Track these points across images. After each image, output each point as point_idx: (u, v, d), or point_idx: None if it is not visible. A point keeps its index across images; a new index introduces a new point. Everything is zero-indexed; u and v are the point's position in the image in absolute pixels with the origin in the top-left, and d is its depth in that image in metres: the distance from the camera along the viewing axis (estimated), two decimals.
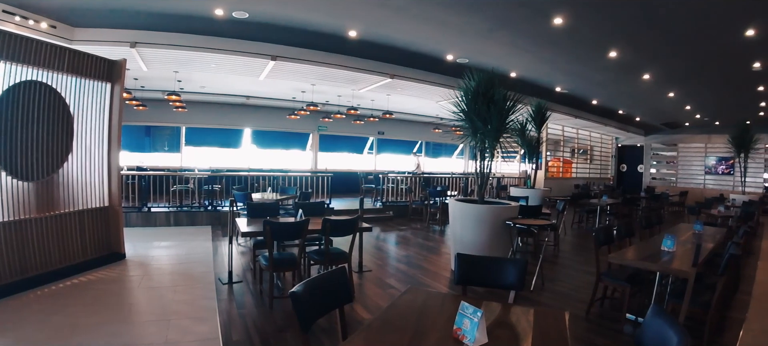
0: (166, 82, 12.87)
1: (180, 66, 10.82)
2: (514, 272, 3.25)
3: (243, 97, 16.43)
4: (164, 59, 9.97)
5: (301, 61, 10.01)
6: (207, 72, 11.48)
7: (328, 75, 11.49)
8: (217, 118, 17.69)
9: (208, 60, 9.94)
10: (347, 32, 8.97)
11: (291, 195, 10.09)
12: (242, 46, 9.22)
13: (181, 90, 13.65)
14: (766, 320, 5.79)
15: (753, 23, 7.83)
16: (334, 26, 8.72)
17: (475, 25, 8.52)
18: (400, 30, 8.94)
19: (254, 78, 11.88)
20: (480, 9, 7.71)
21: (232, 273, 6.24)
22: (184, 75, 12.10)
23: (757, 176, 20.95)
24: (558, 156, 23.17)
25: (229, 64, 10.29)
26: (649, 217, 7.72)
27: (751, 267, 8.57)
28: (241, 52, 9.33)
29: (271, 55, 9.52)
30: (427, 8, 7.67)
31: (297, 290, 2.38)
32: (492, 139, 7.23)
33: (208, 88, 14.59)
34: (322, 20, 8.42)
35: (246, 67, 10.66)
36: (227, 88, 14.86)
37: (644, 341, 2.33)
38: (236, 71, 11.20)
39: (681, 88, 14.18)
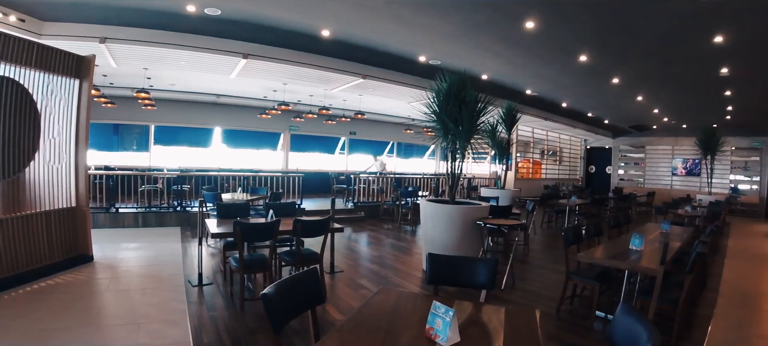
0: (136, 80, 12.61)
1: (150, 63, 10.62)
2: (485, 272, 3.29)
3: (213, 95, 16.20)
4: (134, 55, 9.78)
5: (274, 59, 9.91)
6: (177, 69, 11.29)
7: (300, 74, 11.40)
8: (187, 117, 17.38)
9: (178, 57, 9.77)
10: (320, 32, 8.91)
11: (262, 195, 10.01)
12: (214, 44, 9.08)
13: (151, 87, 13.41)
14: (734, 315, 5.98)
15: (721, 30, 8.02)
16: (307, 25, 8.66)
17: (448, 28, 8.55)
18: (373, 31, 8.93)
19: (225, 76, 11.72)
20: (453, 12, 7.74)
21: (202, 275, 6.13)
22: (154, 72, 11.89)
23: (723, 178, 21.53)
24: (528, 157, 23.43)
25: (200, 61, 10.14)
26: (617, 217, 7.88)
27: (718, 265, 8.85)
28: (213, 50, 9.19)
29: (243, 53, 9.41)
30: (400, 10, 7.67)
31: (268, 291, 2.36)
32: (463, 141, 7.29)
33: (178, 86, 14.35)
34: (295, 19, 8.36)
35: (217, 65, 10.51)
36: (198, 86, 14.63)
37: (615, 338, 2.39)
38: (207, 69, 11.04)
39: (649, 92, 14.46)
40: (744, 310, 6.37)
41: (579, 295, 6.15)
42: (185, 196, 11.64)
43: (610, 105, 17.46)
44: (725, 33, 8.08)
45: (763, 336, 5.38)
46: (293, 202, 10.76)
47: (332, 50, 10.08)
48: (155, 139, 17.39)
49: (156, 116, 16.18)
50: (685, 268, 4.78)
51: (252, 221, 6.14)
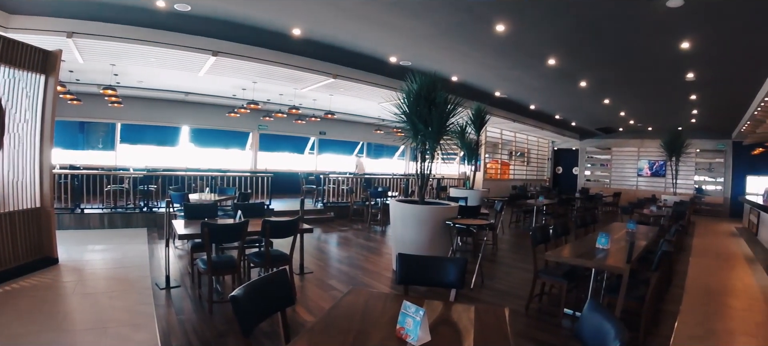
0: (102, 76, 12.34)
1: (117, 59, 10.39)
2: (454, 271, 3.32)
3: (182, 93, 15.91)
4: (102, 51, 9.53)
5: (244, 57, 9.78)
6: (146, 66, 11.05)
7: (270, 73, 11.30)
8: (154, 115, 17.03)
9: (147, 53, 9.56)
10: (291, 30, 8.84)
11: (230, 196, 9.88)
12: (183, 41, 8.92)
13: (118, 84, 13.13)
14: (700, 311, 6.16)
15: (688, 36, 8.23)
16: (279, 24, 8.58)
17: (420, 29, 8.57)
18: (344, 30, 8.90)
19: (194, 73, 11.52)
20: (425, 13, 7.77)
21: (170, 277, 6.02)
22: (121, 68, 11.64)
23: (688, 179, 22.24)
24: (496, 158, 23.68)
25: (169, 58, 9.94)
26: (583, 216, 7.99)
27: (683, 263, 9.11)
28: (182, 47, 9.02)
29: (213, 50, 9.27)
30: (372, 10, 7.67)
31: (237, 293, 2.34)
32: (432, 141, 7.32)
33: (145, 82, 14.06)
34: (266, 17, 8.27)
35: (186, 62, 10.33)
36: (166, 84, 14.36)
37: (583, 334, 2.43)
38: (176, 66, 10.83)
39: (616, 95, 14.73)
40: (709, 306, 6.57)
41: (547, 293, 6.26)
42: (152, 196, 11.39)
43: (577, 108, 17.76)
44: (692, 39, 8.29)
45: (729, 331, 5.59)
46: (262, 202, 10.71)
47: (303, 49, 10.02)
48: (121, 138, 17.03)
49: (122, 114, 15.79)
50: (651, 266, 4.89)
51: (220, 221, 6.02)
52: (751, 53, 8.87)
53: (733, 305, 6.78)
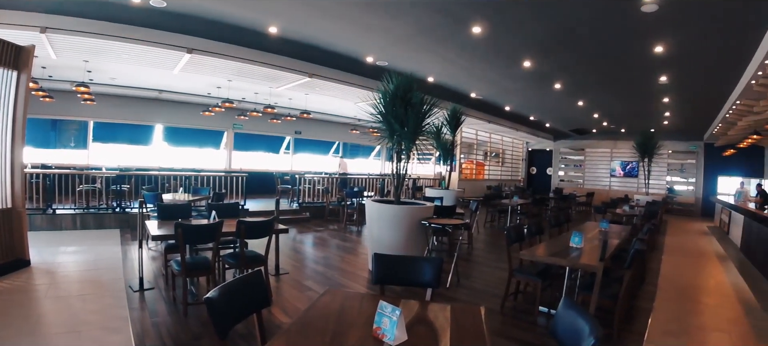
0: (75, 72, 12.07)
1: (91, 55, 10.20)
2: (430, 271, 3.33)
3: (156, 91, 15.62)
4: (75, 47, 9.34)
5: (219, 55, 9.70)
6: (119, 63, 10.84)
7: (245, 71, 11.21)
8: (128, 113, 16.69)
9: (121, 50, 9.39)
10: (268, 28, 8.78)
11: (204, 196, 9.77)
12: (158, 37, 8.79)
13: (91, 81, 12.89)
14: (672, 308, 6.31)
15: (661, 40, 8.42)
16: (255, 21, 8.52)
17: (397, 30, 8.59)
18: (321, 29, 8.86)
19: (169, 71, 11.39)
20: (402, 14, 7.79)
21: (144, 279, 5.93)
22: (95, 65, 11.40)
23: (660, 179, 22.73)
24: (471, 158, 23.83)
25: (144, 55, 9.78)
26: (557, 216, 8.11)
27: (655, 261, 9.32)
28: (157, 43, 8.89)
29: (188, 47, 9.15)
30: (350, 10, 7.67)
31: (212, 295, 2.31)
32: (408, 141, 7.34)
33: (119, 80, 13.82)
34: (242, 14, 8.20)
35: (161, 59, 10.18)
36: (139, 81, 14.14)
37: (558, 332, 2.46)
38: (150, 63, 10.66)
39: (590, 97, 14.96)
40: (682, 302, 6.72)
41: (522, 291, 6.34)
42: (125, 196, 11.20)
43: (552, 109, 18.00)
44: (665, 43, 8.48)
45: (701, 327, 5.73)
46: (236, 202, 10.61)
47: (280, 48, 9.96)
48: (94, 136, 16.62)
49: (95, 112, 15.44)
50: (624, 264, 5.02)
51: (194, 222, 5.97)
52: (724, 57, 9.09)
53: (705, 302, 6.96)
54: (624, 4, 6.84)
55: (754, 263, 9.21)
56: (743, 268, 9.30)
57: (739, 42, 8.08)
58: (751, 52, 8.49)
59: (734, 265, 9.63)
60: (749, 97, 10.84)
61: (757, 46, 8.06)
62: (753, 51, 8.37)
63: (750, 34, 7.62)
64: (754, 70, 8.66)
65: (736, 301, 6.96)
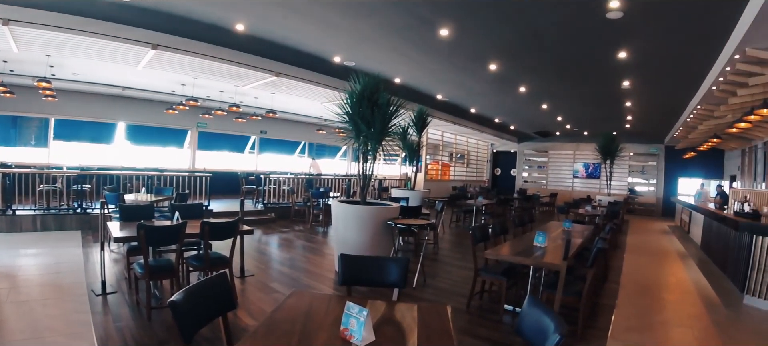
0: (38, 67, 11.69)
1: (54, 49, 9.88)
2: (396, 271, 3.35)
3: (119, 87, 15.23)
4: (38, 40, 9.04)
5: (184, 52, 9.52)
6: (83, 58, 10.57)
7: (211, 69, 11.06)
8: (90, 110, 16.23)
9: (84, 44, 9.13)
10: (234, 25, 8.68)
11: (167, 196, 9.62)
12: (122, 32, 8.56)
13: (53, 77, 12.50)
14: (635, 304, 6.50)
15: (625, 47, 8.67)
16: (221, 18, 8.41)
17: (364, 30, 8.60)
18: (289, 28, 8.81)
19: (132, 67, 11.12)
20: (370, 14, 7.81)
21: (106, 283, 5.76)
22: (58, 59, 11.04)
23: (622, 180, 23.30)
24: (437, 159, 24.02)
25: (107, 50, 9.54)
26: (521, 216, 8.20)
27: (618, 259, 9.54)
28: (121, 38, 8.67)
29: (152, 43, 8.96)
30: (318, 9, 7.64)
31: (176, 299, 2.27)
32: (375, 142, 7.36)
33: (81, 75, 13.43)
34: (209, 10, 8.09)
35: (124, 55, 9.94)
36: (102, 77, 13.78)
37: (523, 329, 2.51)
38: (114, 58, 10.41)
39: (554, 101, 15.25)
40: (644, 299, 6.91)
41: (488, 290, 6.41)
42: (86, 196, 10.87)
43: (516, 112, 18.29)
44: (629, 49, 8.72)
45: (664, 323, 5.90)
46: (200, 203, 10.50)
47: (246, 45, 9.84)
48: (55, 134, 16.06)
49: (57, 109, 14.96)
50: (587, 262, 5.13)
51: (157, 223, 5.87)
52: (686, 64, 9.41)
53: (667, 298, 7.17)
54: (589, 10, 7.01)
55: (714, 261, 9.49)
56: (704, 265, 9.57)
57: (701, 49, 8.36)
58: (712, 60, 8.80)
59: (695, 263, 9.92)
60: (710, 102, 11.21)
61: (718, 54, 8.35)
62: (714, 58, 8.68)
63: (711, 42, 7.89)
64: (715, 77, 8.97)
65: (697, 297, 7.17)
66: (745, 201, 10.18)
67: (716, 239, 9.44)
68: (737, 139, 16.06)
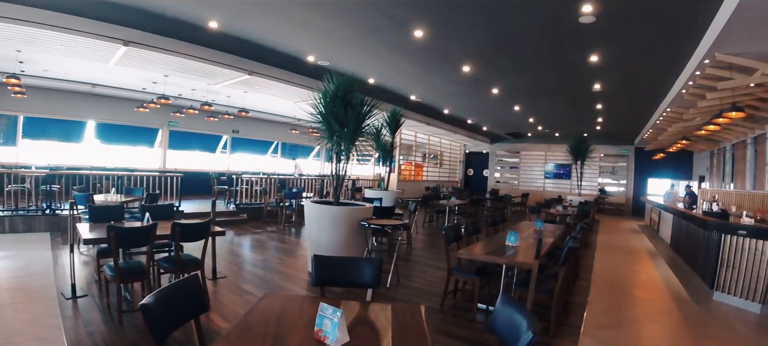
0: (7, 63, 11.42)
1: (24, 44, 9.68)
2: (370, 271, 3.36)
3: (89, 84, 14.95)
4: (8, 35, 8.87)
5: (156, 49, 9.38)
6: (53, 53, 10.32)
7: (183, 66, 10.92)
8: (60, 108, 15.84)
9: (55, 40, 8.94)
10: (208, 23, 8.57)
11: (137, 197, 9.50)
12: (94, 27, 8.40)
13: (22, 73, 12.13)
14: (606, 302, 6.64)
15: (597, 50, 8.83)
16: (195, 15, 8.29)
17: (339, 30, 8.58)
18: (263, 26, 8.74)
19: (104, 64, 10.90)
20: (345, 15, 7.80)
21: (76, 286, 5.63)
22: (28, 55, 10.81)
23: (592, 181, 23.77)
24: (410, 160, 24.10)
25: (79, 46, 9.34)
26: (494, 216, 8.29)
27: (589, 258, 9.71)
28: (92, 34, 8.50)
29: (124, 39, 8.81)
30: (292, 8, 7.61)
31: (147, 302, 2.25)
32: (348, 142, 7.36)
33: (52, 72, 13.11)
34: (182, 7, 7.95)
35: (96, 51, 9.75)
36: (73, 74, 13.47)
37: (496, 327, 2.55)
38: (85, 55, 10.20)
39: (527, 103, 15.43)
40: (615, 296, 7.06)
41: (461, 289, 6.48)
42: (55, 197, 10.61)
43: (489, 113, 18.46)
44: (600, 53, 8.90)
45: (635, 319, 6.03)
46: (171, 204, 10.35)
47: (219, 43, 9.75)
48: (24, 132, 15.60)
49: (26, 106, 14.52)
50: (559, 261, 5.23)
51: (127, 224, 5.77)
52: (656, 68, 9.64)
53: (637, 295, 7.32)
54: (562, 15, 7.13)
55: (683, 259, 9.71)
56: (673, 263, 9.81)
57: (672, 54, 8.59)
58: (682, 64, 9.03)
59: (665, 260, 10.15)
60: (679, 105, 11.49)
61: (689, 58, 8.59)
62: (685, 63, 8.91)
63: (682, 47, 8.11)
64: (685, 80, 9.22)
65: (667, 294, 7.35)
66: (713, 201, 10.45)
67: (685, 237, 9.66)
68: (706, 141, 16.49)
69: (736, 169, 15.00)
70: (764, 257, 6.32)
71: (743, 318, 6.14)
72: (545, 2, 6.79)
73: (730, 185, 15.26)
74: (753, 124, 12.28)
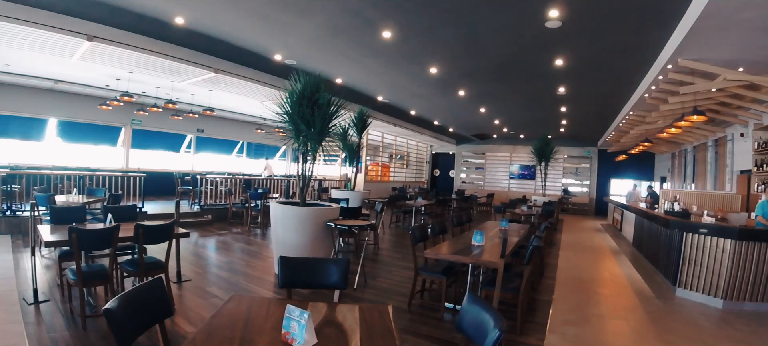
0: None
1: None
2: (337, 272, 3.37)
3: (51, 80, 14.40)
4: None
5: (121, 45, 9.15)
6: (14, 48, 10.00)
7: (148, 63, 10.66)
8: (20, 105, 15.21)
9: (16, 33, 8.67)
10: (174, 19, 8.40)
11: (99, 197, 9.30)
12: (57, 21, 8.12)
13: None
14: (571, 299, 6.80)
15: (562, 55, 9.02)
16: (161, 10, 8.10)
17: (307, 29, 8.55)
18: (230, 23, 8.63)
19: (66, 59, 10.59)
20: (313, 14, 7.78)
21: (38, 291, 5.49)
22: None
23: (556, 181, 24.28)
24: (377, 160, 24.13)
25: (41, 40, 9.07)
26: (460, 216, 8.39)
27: (553, 256, 9.94)
28: (56, 28, 8.21)
29: (88, 34, 8.55)
30: (260, 5, 7.54)
31: (111, 306, 2.20)
32: (315, 142, 7.35)
33: (13, 67, 12.67)
34: (148, 2, 7.76)
35: (59, 46, 9.46)
36: (35, 69, 13.02)
37: (463, 326, 2.59)
38: (48, 49, 9.89)
39: (492, 105, 15.63)
40: (579, 294, 7.22)
41: (428, 289, 6.55)
42: (15, 198, 10.29)
43: (455, 114, 18.65)
44: (566, 57, 9.09)
45: (600, 315, 6.20)
46: (134, 205, 10.11)
47: (185, 40, 9.58)
48: None
49: None
50: (524, 260, 5.35)
51: (89, 226, 5.66)
52: (620, 73, 9.91)
53: (602, 292, 7.51)
54: (529, 19, 7.25)
55: (646, 257, 10.02)
56: (636, 261, 10.09)
57: (636, 59, 8.85)
58: (646, 69, 9.31)
59: (628, 258, 10.44)
60: (642, 109, 11.81)
61: (652, 64, 8.85)
62: (648, 68, 9.17)
63: (646, 52, 8.36)
64: (648, 85, 9.50)
65: (631, 290, 7.57)
66: (675, 201, 10.72)
67: (648, 236, 9.92)
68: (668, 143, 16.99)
69: (697, 170, 15.51)
70: (725, 255, 6.59)
71: (706, 313, 6.38)
72: (512, 6, 6.90)
73: (691, 185, 15.75)
74: (714, 127, 12.71)
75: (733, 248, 6.53)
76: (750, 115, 10.51)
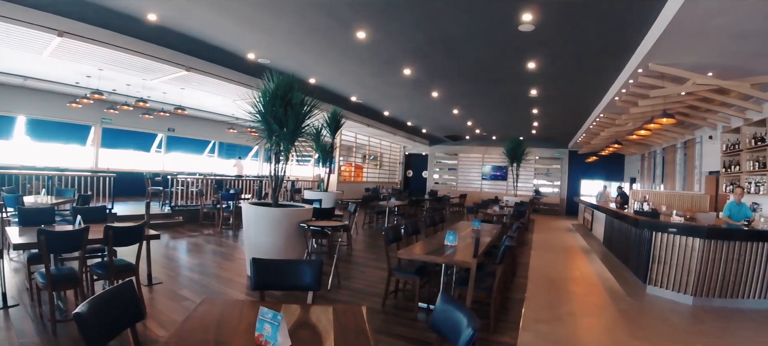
0: None
1: None
2: (310, 273, 3.37)
3: (20, 77, 13.98)
4: None
5: (92, 41, 8.94)
6: None
7: (119, 60, 10.46)
8: None
9: None
10: (146, 15, 8.27)
11: (68, 198, 9.13)
12: (27, 16, 7.92)
13: None
14: (543, 298, 6.92)
15: (535, 58, 9.17)
16: (134, 7, 7.98)
17: (281, 28, 8.51)
18: (203, 21, 8.54)
19: (36, 55, 10.31)
20: (288, 12, 7.75)
21: (6, 295, 5.33)
22: None
23: (528, 182, 24.62)
24: (350, 161, 24.14)
25: (10, 35, 8.82)
26: (433, 216, 8.46)
27: (525, 256, 10.07)
28: (25, 23, 8.00)
29: (59, 30, 8.35)
30: (234, 3, 7.47)
31: (81, 310, 2.17)
32: (287, 142, 7.31)
33: None
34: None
35: (28, 41, 9.21)
36: (3, 65, 12.65)
37: (437, 325, 2.62)
38: (18, 45, 9.61)
39: (465, 106, 15.75)
40: (551, 292, 7.33)
41: (402, 289, 6.60)
42: None
43: (428, 116, 18.80)
44: (538, 60, 9.25)
45: (572, 313, 6.31)
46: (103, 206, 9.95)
47: (157, 37, 9.45)
48: None
49: None
50: (496, 259, 5.41)
51: (58, 228, 5.56)
52: (591, 76, 10.12)
53: (573, 291, 7.64)
54: (502, 22, 7.35)
55: (616, 255, 10.22)
56: (607, 260, 10.28)
57: (607, 63, 9.04)
58: (616, 73, 9.49)
59: (598, 257, 10.62)
60: (612, 111, 12.04)
61: (623, 68, 9.04)
62: (619, 72, 9.34)
63: (617, 57, 8.53)
64: (619, 88, 9.68)
65: (602, 289, 7.72)
66: (644, 201, 10.92)
67: (618, 235, 10.12)
68: (637, 145, 17.34)
69: (666, 171, 15.85)
70: (694, 253, 6.77)
71: (676, 309, 6.55)
72: (486, 9, 6.97)
73: (660, 186, 16.08)
74: (683, 129, 13.01)
75: (702, 247, 6.71)
76: (719, 118, 10.77)
